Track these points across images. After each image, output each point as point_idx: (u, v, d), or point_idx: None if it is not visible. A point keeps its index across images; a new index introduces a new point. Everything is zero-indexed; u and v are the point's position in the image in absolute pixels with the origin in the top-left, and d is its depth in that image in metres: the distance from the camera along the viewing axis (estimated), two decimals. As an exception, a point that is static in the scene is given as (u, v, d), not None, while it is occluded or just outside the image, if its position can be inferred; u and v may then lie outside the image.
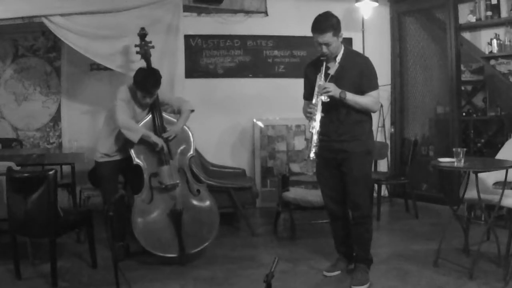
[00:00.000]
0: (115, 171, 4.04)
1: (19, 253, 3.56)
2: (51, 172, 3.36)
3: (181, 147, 3.99)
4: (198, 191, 3.97)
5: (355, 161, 3.34)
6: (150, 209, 3.84)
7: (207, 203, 3.96)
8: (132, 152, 3.85)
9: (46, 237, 3.44)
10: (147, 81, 3.81)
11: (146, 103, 3.92)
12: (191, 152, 4.03)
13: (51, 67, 5.86)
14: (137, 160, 3.86)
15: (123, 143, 3.92)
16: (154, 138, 3.81)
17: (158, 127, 3.90)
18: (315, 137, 3.17)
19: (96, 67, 5.71)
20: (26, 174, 3.51)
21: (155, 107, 3.93)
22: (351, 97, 3.24)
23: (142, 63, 4.25)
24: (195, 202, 3.93)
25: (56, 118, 5.88)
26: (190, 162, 4.09)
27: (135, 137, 3.76)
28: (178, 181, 3.86)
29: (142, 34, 4.24)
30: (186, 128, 4.03)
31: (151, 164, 3.87)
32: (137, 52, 4.23)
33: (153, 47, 4.25)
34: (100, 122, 5.69)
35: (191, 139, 4.04)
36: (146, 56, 4.18)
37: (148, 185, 3.86)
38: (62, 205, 5.13)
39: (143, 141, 3.80)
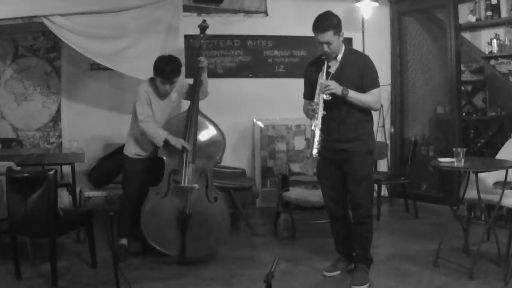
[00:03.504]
0: (143, 168, 4.00)
1: (19, 253, 3.55)
2: (51, 172, 3.35)
3: (208, 151, 3.94)
4: (216, 198, 3.90)
5: (357, 161, 3.34)
6: (162, 204, 3.83)
7: (221, 213, 3.90)
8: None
9: (46, 237, 3.44)
10: (167, 67, 3.80)
11: (166, 91, 3.91)
12: (218, 158, 3.98)
13: (51, 67, 5.85)
14: (160, 154, 3.87)
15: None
16: (174, 141, 3.80)
17: (189, 131, 3.85)
18: (317, 135, 3.18)
19: (96, 67, 5.70)
20: (26, 174, 3.51)
21: (193, 110, 3.90)
22: (353, 94, 3.24)
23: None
24: (208, 209, 3.87)
25: (56, 118, 5.88)
26: (213, 167, 4.03)
27: (159, 142, 3.81)
28: (195, 185, 3.81)
29: (203, 27, 4.16)
30: (218, 133, 3.99)
31: (174, 161, 3.85)
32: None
33: (207, 42, 4.16)
34: (100, 122, 5.75)
35: (221, 145, 3.97)
36: (199, 50, 4.12)
37: (166, 180, 3.85)
38: (62, 205, 5.16)
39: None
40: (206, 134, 3.98)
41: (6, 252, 3.69)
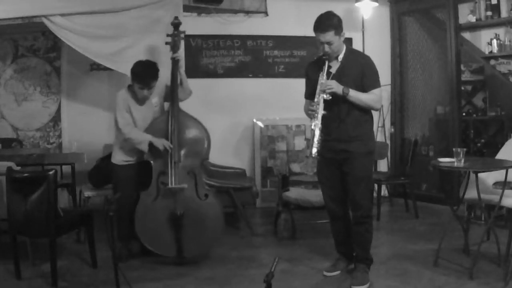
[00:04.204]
0: (133, 173, 3.99)
1: (19, 253, 3.55)
2: (51, 172, 3.36)
3: (194, 149, 3.93)
4: (206, 195, 3.88)
5: (357, 161, 3.34)
6: (153, 207, 3.82)
7: (213, 209, 3.87)
8: None
9: (46, 237, 3.44)
10: (145, 72, 3.81)
11: (144, 97, 3.92)
12: (206, 154, 3.97)
13: (51, 67, 5.85)
14: (147, 157, 3.88)
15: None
16: (157, 142, 3.80)
17: (171, 131, 3.84)
18: (317, 135, 3.18)
19: (96, 67, 5.70)
20: (26, 174, 3.51)
21: (174, 109, 3.88)
22: (354, 94, 3.25)
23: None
24: (200, 207, 3.84)
25: (56, 118, 5.88)
26: (202, 165, 4.02)
27: (144, 148, 3.83)
28: (183, 185, 3.79)
29: (176, 24, 4.14)
30: (202, 130, 3.97)
31: (161, 163, 3.85)
32: (167, 43, 4.13)
33: (183, 38, 4.16)
34: (100, 122, 5.75)
35: (206, 141, 3.95)
36: (174, 48, 4.10)
37: (155, 183, 3.85)
38: (62, 205, 5.16)
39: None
40: (189, 132, 3.96)
41: (6, 252, 3.69)
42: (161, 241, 3.81)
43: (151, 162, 3.88)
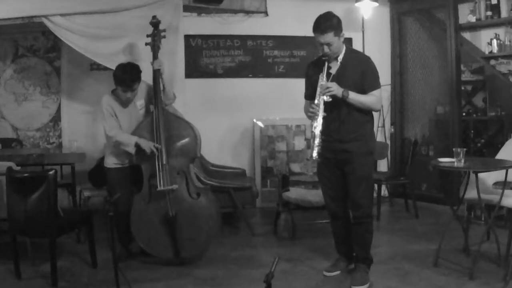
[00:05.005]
0: (126, 176, 3.98)
1: (19, 253, 3.56)
2: (51, 172, 3.36)
3: (181, 148, 3.92)
4: (198, 194, 3.87)
5: (357, 161, 3.34)
6: (147, 210, 3.81)
7: (206, 208, 3.85)
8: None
9: (46, 237, 3.45)
10: (126, 75, 3.81)
11: (128, 99, 3.92)
12: (195, 153, 3.94)
13: (51, 67, 5.85)
14: (137, 161, 3.86)
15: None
16: (144, 144, 3.78)
17: (157, 133, 3.83)
18: (317, 137, 3.18)
19: (96, 67, 5.70)
20: (26, 174, 3.51)
21: (158, 112, 3.87)
22: (354, 96, 3.24)
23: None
24: (192, 207, 3.83)
25: (56, 118, 5.88)
26: (193, 164, 4.00)
27: (131, 149, 3.81)
28: (174, 186, 3.76)
29: (155, 23, 4.14)
30: (189, 129, 3.95)
31: (150, 166, 3.83)
32: (146, 44, 4.12)
33: (164, 36, 4.15)
34: (100, 122, 5.74)
35: (194, 139, 3.92)
36: (154, 48, 4.10)
37: (147, 185, 3.85)
38: (62, 205, 5.16)
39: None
40: (176, 132, 3.93)
41: (6, 252, 3.69)
42: (157, 243, 3.80)
43: (141, 166, 3.86)
